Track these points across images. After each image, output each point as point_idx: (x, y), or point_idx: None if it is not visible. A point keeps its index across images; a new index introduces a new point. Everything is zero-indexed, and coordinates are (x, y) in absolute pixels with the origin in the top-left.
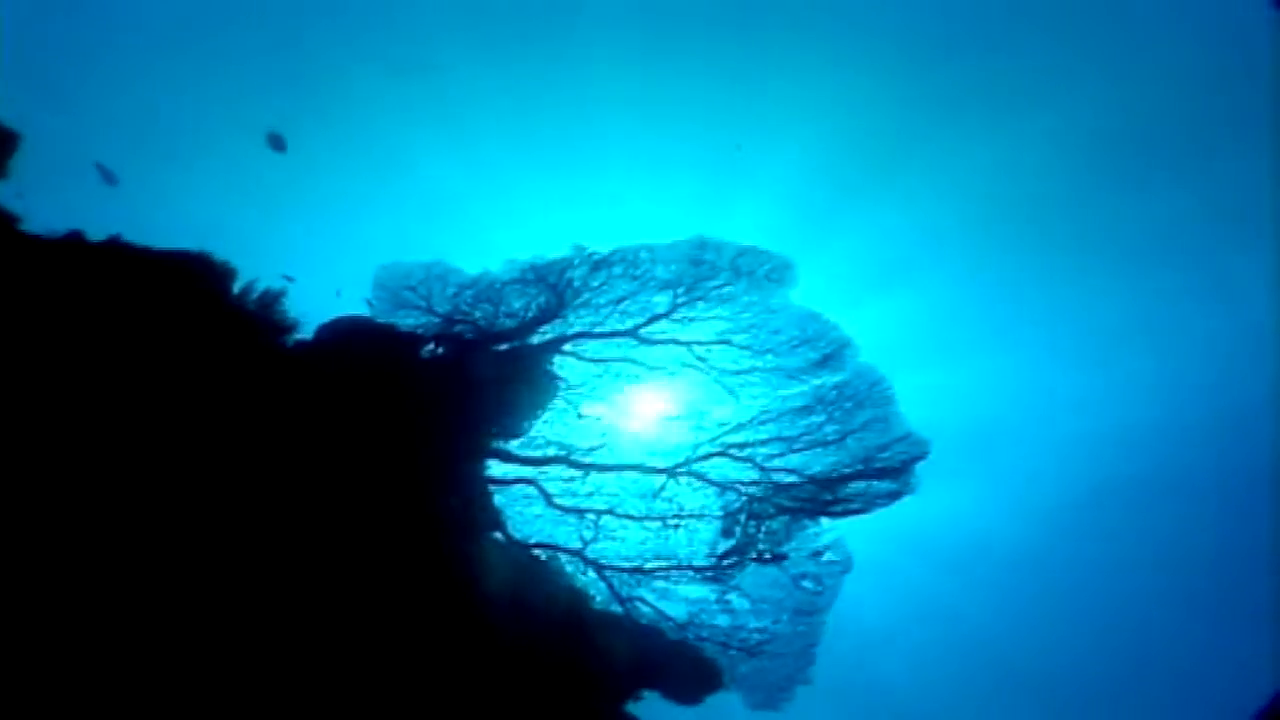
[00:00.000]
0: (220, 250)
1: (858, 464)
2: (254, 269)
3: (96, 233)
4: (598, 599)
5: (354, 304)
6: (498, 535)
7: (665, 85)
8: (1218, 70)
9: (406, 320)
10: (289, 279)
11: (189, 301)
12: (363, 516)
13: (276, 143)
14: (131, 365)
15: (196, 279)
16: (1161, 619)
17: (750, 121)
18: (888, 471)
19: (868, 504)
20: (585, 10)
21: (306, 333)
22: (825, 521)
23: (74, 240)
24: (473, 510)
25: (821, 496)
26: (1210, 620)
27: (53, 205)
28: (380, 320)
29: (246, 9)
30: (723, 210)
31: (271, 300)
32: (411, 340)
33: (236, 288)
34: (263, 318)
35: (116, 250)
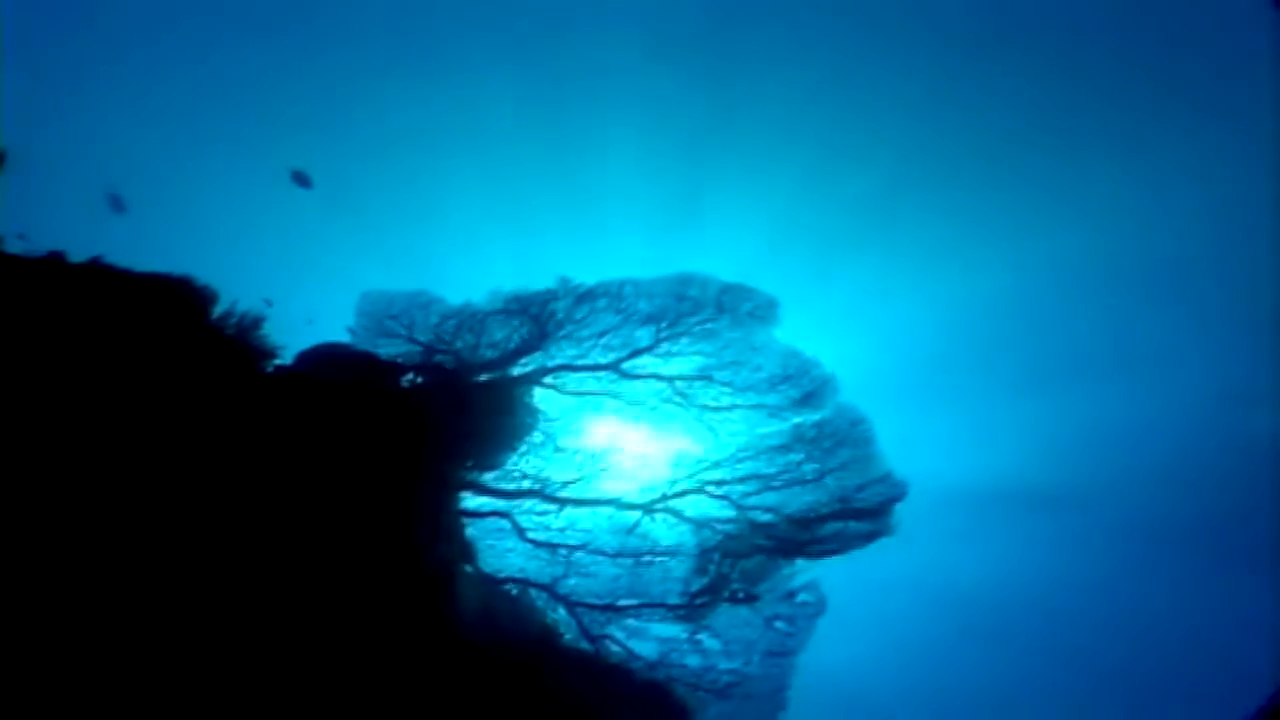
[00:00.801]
0: (219, 280)
1: (835, 503)
2: (254, 298)
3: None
4: (567, 636)
5: (332, 332)
6: (468, 568)
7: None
8: (1217, 70)
9: (387, 349)
10: (268, 303)
11: (166, 324)
12: (332, 545)
13: (301, 179)
14: (102, 389)
15: (176, 302)
16: (1158, 615)
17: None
18: (865, 512)
19: (844, 544)
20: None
21: (287, 358)
22: (800, 562)
23: (53, 260)
24: (443, 542)
25: (798, 536)
26: (1208, 618)
27: (60, 230)
28: (361, 348)
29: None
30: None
31: (250, 325)
32: (391, 369)
33: (218, 312)
34: (241, 343)
35: (96, 271)
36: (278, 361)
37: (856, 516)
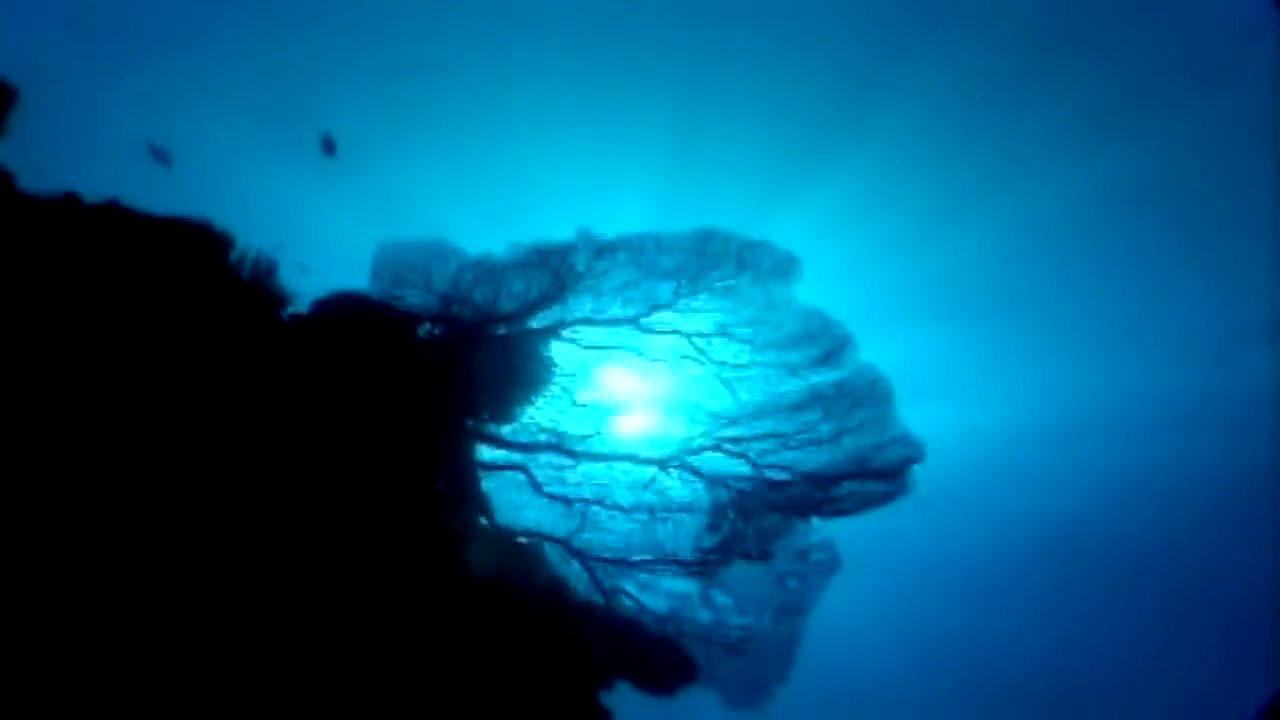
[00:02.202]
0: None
1: (851, 464)
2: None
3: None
4: (580, 588)
5: (323, 281)
6: (483, 521)
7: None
8: (1218, 70)
9: (404, 299)
10: (278, 246)
11: (180, 268)
12: (348, 496)
13: (328, 147)
14: (114, 331)
15: (191, 246)
16: (1160, 620)
17: None
18: (882, 473)
19: (860, 505)
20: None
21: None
22: (815, 521)
23: (69, 201)
24: (459, 494)
25: (813, 495)
26: (1209, 621)
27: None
28: (377, 298)
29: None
30: None
31: (265, 271)
32: (408, 319)
33: (233, 256)
34: (258, 287)
35: (111, 212)
36: (292, 309)
37: (873, 477)
